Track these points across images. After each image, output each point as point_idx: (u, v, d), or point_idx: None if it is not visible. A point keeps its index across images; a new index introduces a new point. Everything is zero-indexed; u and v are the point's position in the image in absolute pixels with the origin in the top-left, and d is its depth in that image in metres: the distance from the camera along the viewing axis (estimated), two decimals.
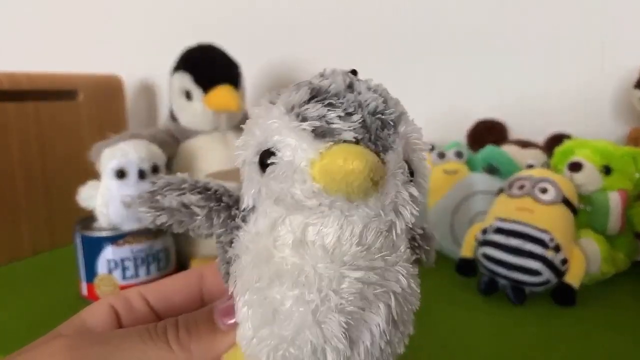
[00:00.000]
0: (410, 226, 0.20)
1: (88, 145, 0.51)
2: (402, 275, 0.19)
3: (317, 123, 0.17)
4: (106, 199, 0.48)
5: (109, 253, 0.47)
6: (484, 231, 0.47)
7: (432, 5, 0.69)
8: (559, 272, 0.44)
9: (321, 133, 0.17)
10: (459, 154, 0.61)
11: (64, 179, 0.65)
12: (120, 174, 0.48)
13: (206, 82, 0.58)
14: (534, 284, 0.44)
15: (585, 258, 0.45)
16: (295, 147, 0.17)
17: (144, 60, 0.87)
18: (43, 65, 0.77)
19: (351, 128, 0.17)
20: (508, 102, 0.66)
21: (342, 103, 0.18)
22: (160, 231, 0.50)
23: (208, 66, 0.60)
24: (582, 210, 0.48)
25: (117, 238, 0.47)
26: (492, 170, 0.57)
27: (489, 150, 0.58)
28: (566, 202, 0.46)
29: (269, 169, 0.18)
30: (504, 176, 0.54)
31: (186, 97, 0.59)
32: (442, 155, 0.61)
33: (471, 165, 0.60)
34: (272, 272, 0.18)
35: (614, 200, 0.48)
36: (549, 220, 0.45)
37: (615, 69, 0.61)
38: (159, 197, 0.21)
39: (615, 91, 0.62)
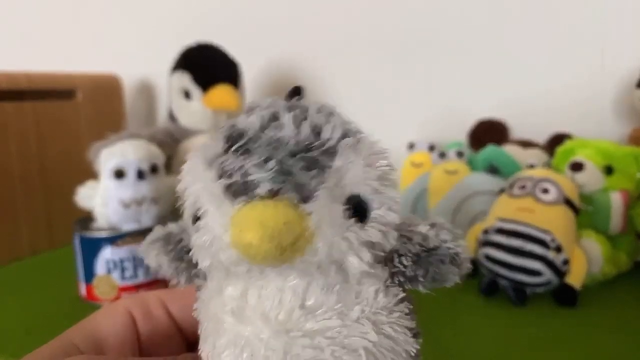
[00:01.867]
0: (394, 259, 0.18)
1: (87, 145, 0.51)
2: (370, 328, 0.16)
3: (232, 179, 0.15)
4: (105, 199, 0.47)
5: (107, 253, 0.47)
6: (485, 231, 0.47)
7: (433, 4, 0.69)
8: (560, 273, 0.44)
9: (235, 191, 0.15)
10: (459, 154, 0.60)
11: (62, 179, 0.64)
12: (119, 174, 0.47)
13: (205, 82, 0.58)
14: (535, 285, 0.44)
15: (586, 258, 0.45)
16: (212, 212, 0.16)
17: (143, 60, 0.86)
18: (41, 64, 0.77)
19: (267, 178, 0.15)
20: (509, 102, 0.66)
21: (258, 147, 0.16)
22: None
23: (207, 65, 0.59)
24: (583, 211, 0.48)
25: (116, 238, 0.47)
26: (493, 170, 0.57)
27: (490, 150, 0.58)
28: (567, 202, 0.46)
29: (195, 237, 0.17)
30: (505, 176, 0.54)
31: (185, 97, 0.59)
32: (442, 155, 0.60)
33: (472, 165, 0.59)
34: (222, 342, 0.17)
35: (616, 200, 0.48)
36: (550, 220, 0.44)
37: (616, 69, 0.61)
38: (146, 257, 0.20)
39: (616, 91, 0.62)
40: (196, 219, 0.17)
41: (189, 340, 0.24)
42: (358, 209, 0.16)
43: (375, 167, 0.17)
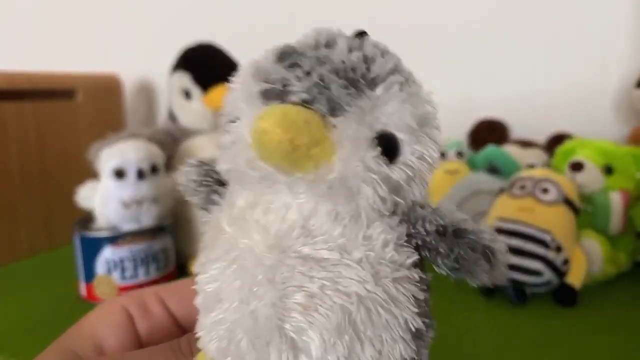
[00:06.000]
0: (410, 217, 0.17)
1: (87, 145, 0.51)
2: (369, 275, 0.15)
3: (270, 85, 0.15)
4: (105, 199, 0.47)
5: (107, 253, 0.47)
6: None
7: (433, 4, 0.69)
8: (560, 273, 0.44)
9: (270, 96, 0.15)
10: (460, 154, 0.60)
11: (62, 179, 0.64)
12: (119, 173, 0.47)
13: (206, 82, 0.58)
14: (535, 285, 0.44)
15: (586, 258, 0.45)
16: (243, 113, 0.16)
17: (143, 60, 0.86)
18: (41, 64, 0.77)
19: (303, 88, 0.15)
20: (509, 102, 0.66)
21: (304, 62, 0.16)
22: (159, 231, 0.50)
23: (207, 65, 0.59)
24: (583, 211, 0.48)
25: (116, 238, 0.47)
26: (493, 170, 0.56)
27: (490, 150, 0.58)
28: (567, 202, 0.46)
29: (222, 139, 0.17)
30: (505, 176, 0.54)
31: (185, 97, 0.59)
32: (442, 155, 0.60)
33: (472, 165, 0.59)
34: (217, 251, 0.16)
35: (616, 200, 0.48)
36: (550, 220, 0.44)
37: (616, 69, 0.61)
38: (181, 176, 0.20)
39: (616, 91, 0.62)
40: (230, 124, 0.17)
41: (190, 331, 0.23)
42: (388, 148, 0.16)
43: (418, 108, 0.16)
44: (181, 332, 0.23)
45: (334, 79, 0.15)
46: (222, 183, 0.19)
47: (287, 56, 0.16)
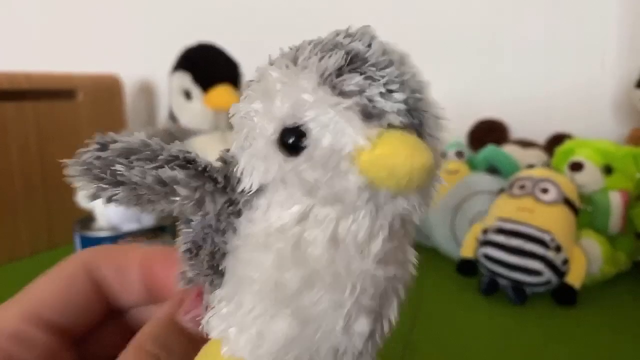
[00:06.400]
0: None
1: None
2: (412, 262, 0.16)
3: (361, 101, 0.14)
4: None
5: None
6: (485, 231, 0.47)
7: (432, 4, 0.69)
8: (559, 272, 0.44)
9: (365, 114, 0.14)
10: (459, 154, 0.61)
11: (62, 179, 0.64)
12: None
13: (206, 82, 0.58)
14: (535, 284, 0.44)
15: (586, 258, 0.45)
16: (336, 130, 0.14)
17: (144, 60, 0.87)
18: (42, 64, 0.77)
19: (395, 109, 0.14)
20: (509, 102, 0.66)
21: (382, 76, 0.14)
22: (160, 231, 0.50)
23: (208, 65, 0.59)
24: (583, 210, 0.48)
25: (117, 238, 0.47)
26: (492, 170, 0.57)
27: (489, 150, 0.58)
28: (567, 202, 0.46)
29: (303, 154, 0.14)
30: (504, 176, 0.54)
31: (186, 97, 0.59)
32: (442, 155, 0.60)
33: (472, 165, 0.60)
34: (302, 275, 0.15)
35: (615, 200, 0.48)
36: (550, 220, 0.44)
37: (616, 69, 0.61)
38: (118, 167, 0.15)
39: (616, 91, 0.62)
40: (289, 133, 0.14)
41: (75, 335, 0.20)
42: None
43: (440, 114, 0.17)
44: (70, 339, 0.19)
45: (415, 100, 0.15)
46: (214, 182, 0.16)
47: (356, 63, 0.14)
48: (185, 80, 0.59)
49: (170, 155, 0.15)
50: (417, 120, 0.15)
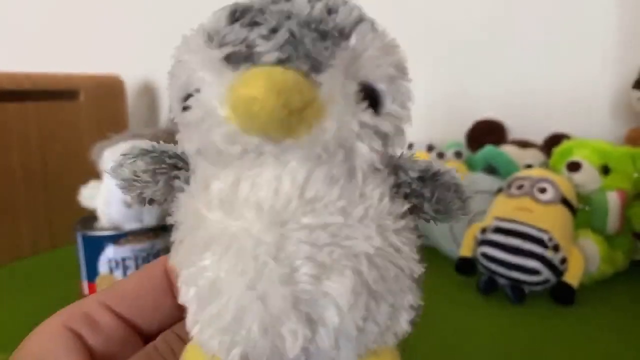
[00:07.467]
0: (400, 168, 0.16)
1: (89, 145, 0.52)
2: (374, 231, 0.14)
3: (234, 48, 0.14)
4: (107, 198, 0.48)
5: (110, 252, 0.47)
6: (483, 231, 0.47)
7: (432, 4, 0.70)
8: (558, 272, 0.44)
9: (238, 60, 0.14)
10: (458, 154, 0.61)
11: (64, 179, 0.65)
12: None
13: None
14: (533, 283, 0.44)
15: (584, 258, 0.45)
16: (208, 83, 0.14)
17: (145, 61, 0.87)
18: (44, 65, 0.77)
19: (275, 47, 0.14)
20: (507, 103, 0.67)
21: (266, 19, 0.14)
22: (161, 230, 0.50)
23: None
24: (581, 210, 0.49)
25: (118, 237, 0.48)
26: (491, 170, 0.57)
27: (488, 150, 0.58)
28: (565, 201, 0.46)
29: (183, 116, 0.15)
30: (503, 176, 0.54)
31: None
32: (441, 155, 0.61)
33: (470, 165, 0.60)
34: (204, 240, 0.15)
35: (613, 200, 0.48)
36: (548, 219, 0.45)
37: (613, 70, 0.62)
38: (119, 170, 0.18)
39: (613, 91, 0.62)
40: (187, 98, 0.15)
41: (147, 334, 0.21)
42: (372, 99, 0.15)
43: (393, 55, 0.16)
44: (142, 337, 0.21)
45: (306, 32, 0.14)
46: (177, 167, 0.18)
47: (242, 14, 0.15)
48: None
49: (141, 150, 0.18)
50: (302, 51, 0.14)
